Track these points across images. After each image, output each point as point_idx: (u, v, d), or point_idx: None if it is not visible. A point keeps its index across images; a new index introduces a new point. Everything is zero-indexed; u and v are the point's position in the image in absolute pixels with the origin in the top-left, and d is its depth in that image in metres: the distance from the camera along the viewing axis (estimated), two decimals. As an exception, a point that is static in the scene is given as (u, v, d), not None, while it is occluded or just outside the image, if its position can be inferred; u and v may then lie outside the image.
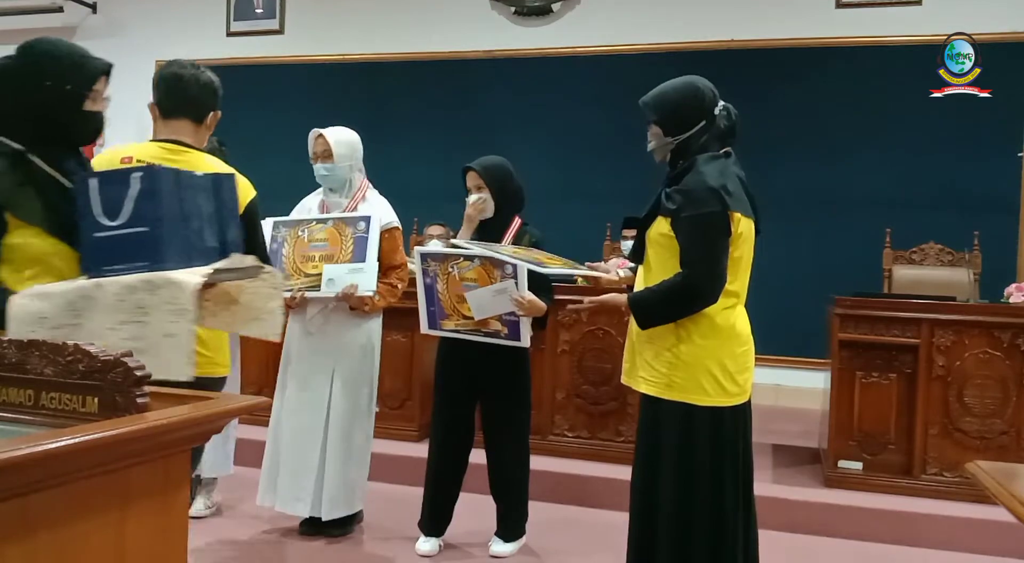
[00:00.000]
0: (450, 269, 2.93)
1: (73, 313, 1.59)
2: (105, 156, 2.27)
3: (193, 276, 1.64)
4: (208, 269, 1.70)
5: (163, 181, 1.74)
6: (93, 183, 1.74)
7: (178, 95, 2.21)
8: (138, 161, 2.10)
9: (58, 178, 1.78)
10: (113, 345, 1.50)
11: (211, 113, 2.27)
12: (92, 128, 1.88)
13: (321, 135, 3.19)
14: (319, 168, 3.20)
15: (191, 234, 1.76)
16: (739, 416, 2.26)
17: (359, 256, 3.04)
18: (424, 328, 3.04)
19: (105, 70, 1.88)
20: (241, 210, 2.11)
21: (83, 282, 1.64)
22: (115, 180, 1.73)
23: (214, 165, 2.19)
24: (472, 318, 2.90)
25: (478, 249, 2.76)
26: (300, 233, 3.14)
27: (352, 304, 3.07)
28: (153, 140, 2.22)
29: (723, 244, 2.17)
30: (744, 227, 2.21)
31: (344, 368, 3.15)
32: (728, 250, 2.18)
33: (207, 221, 1.81)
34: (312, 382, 3.15)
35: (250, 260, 1.80)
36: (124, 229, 1.70)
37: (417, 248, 3.09)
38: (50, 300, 1.60)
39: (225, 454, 3.47)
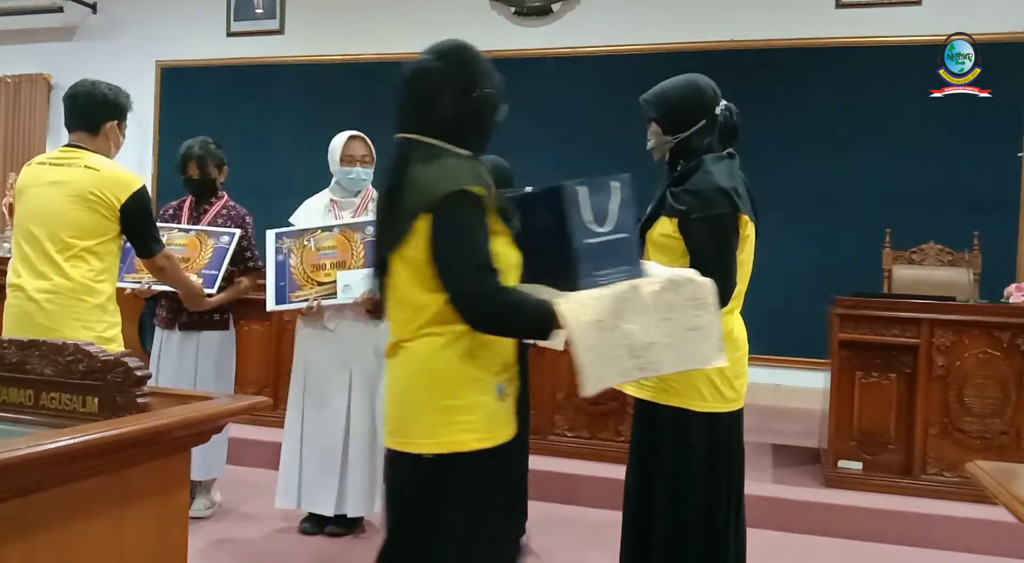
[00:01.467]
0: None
1: (616, 316, 1.62)
2: (27, 166, 2.65)
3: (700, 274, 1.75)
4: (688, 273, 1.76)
5: (632, 189, 1.80)
6: (583, 191, 1.74)
7: (72, 112, 2.62)
8: (49, 161, 2.56)
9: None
10: (655, 342, 1.63)
11: (106, 123, 2.61)
12: (492, 136, 1.80)
13: (363, 139, 3.16)
14: (359, 172, 3.17)
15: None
16: (734, 422, 2.25)
17: (372, 260, 3.04)
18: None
19: None
20: (124, 200, 2.51)
21: (618, 286, 1.66)
22: (599, 188, 1.76)
23: (98, 163, 2.54)
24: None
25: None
26: (306, 242, 3.13)
27: (370, 308, 3.04)
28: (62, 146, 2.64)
29: (734, 246, 2.15)
30: (750, 230, 2.20)
31: (361, 369, 3.15)
32: (736, 253, 2.17)
33: None
34: (330, 384, 3.15)
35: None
36: (610, 235, 1.74)
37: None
38: (599, 305, 1.62)
39: (218, 455, 3.45)
